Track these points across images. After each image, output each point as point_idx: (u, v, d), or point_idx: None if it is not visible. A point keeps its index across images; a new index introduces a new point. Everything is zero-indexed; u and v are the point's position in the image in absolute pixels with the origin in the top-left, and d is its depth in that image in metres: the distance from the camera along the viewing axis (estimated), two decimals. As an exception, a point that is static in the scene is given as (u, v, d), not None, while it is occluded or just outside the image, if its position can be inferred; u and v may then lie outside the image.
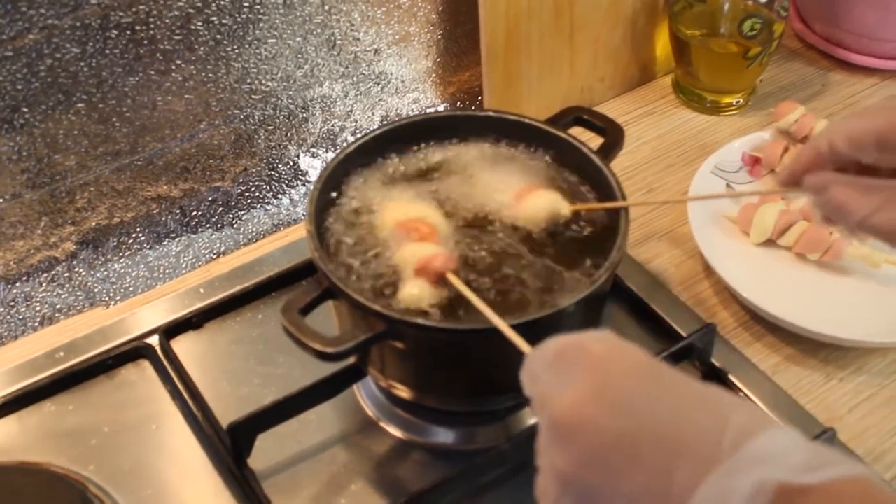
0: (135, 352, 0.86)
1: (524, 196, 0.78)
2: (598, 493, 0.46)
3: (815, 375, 0.85)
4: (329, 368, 0.76)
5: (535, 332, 0.60)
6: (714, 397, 0.46)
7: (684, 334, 0.84)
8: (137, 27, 0.82)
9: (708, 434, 0.43)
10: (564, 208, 0.77)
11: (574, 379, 0.47)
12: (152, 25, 0.83)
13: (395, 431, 0.81)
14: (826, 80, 1.17)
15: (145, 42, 0.83)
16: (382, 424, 0.81)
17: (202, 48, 0.86)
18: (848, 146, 0.64)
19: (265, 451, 0.78)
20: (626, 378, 0.47)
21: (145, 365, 0.86)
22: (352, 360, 0.76)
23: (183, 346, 0.87)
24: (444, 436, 0.81)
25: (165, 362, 0.85)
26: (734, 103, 1.12)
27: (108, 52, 0.81)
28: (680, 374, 0.48)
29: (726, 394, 0.47)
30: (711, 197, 0.98)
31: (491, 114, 0.84)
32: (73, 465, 0.79)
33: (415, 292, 0.70)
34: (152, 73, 0.85)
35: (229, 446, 0.77)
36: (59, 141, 0.84)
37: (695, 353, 0.84)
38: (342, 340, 0.67)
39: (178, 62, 0.86)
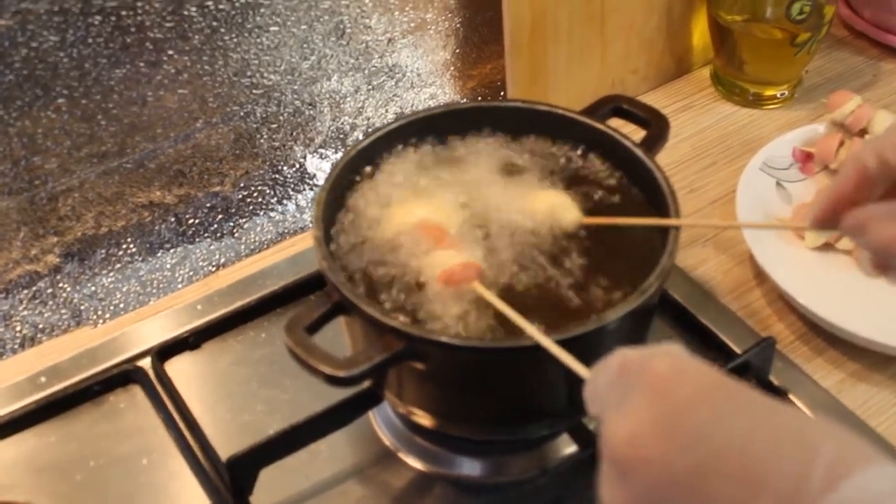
0: (124, 376, 0.79)
1: (535, 201, 0.70)
2: None
3: (884, 393, 0.78)
4: (341, 393, 0.69)
5: (576, 349, 0.54)
6: (799, 422, 0.40)
7: (738, 350, 0.77)
8: (123, 13, 0.74)
9: (793, 468, 0.37)
10: (571, 216, 0.69)
11: (634, 404, 0.42)
12: (140, 11, 0.75)
13: (416, 463, 0.73)
14: (877, 70, 1.09)
15: (133, 30, 0.76)
16: (401, 455, 0.74)
17: (197, 37, 0.79)
18: None
19: (269, 487, 0.71)
20: (694, 402, 0.41)
21: (136, 390, 0.79)
22: (366, 383, 0.68)
23: (178, 368, 0.79)
24: (470, 467, 0.73)
25: (158, 387, 0.78)
26: (779, 96, 1.04)
27: (90, 40, 0.74)
28: (756, 393, 0.41)
29: (812, 418, 0.41)
30: (763, 227, 0.89)
31: (519, 104, 0.76)
32: (55, 504, 0.71)
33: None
34: (141, 64, 0.78)
35: (228, 482, 0.69)
36: (38, 141, 0.76)
37: (751, 370, 0.76)
38: (355, 362, 0.59)
39: (170, 53, 0.78)
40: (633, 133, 0.74)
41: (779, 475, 0.37)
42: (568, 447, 0.73)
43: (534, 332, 0.56)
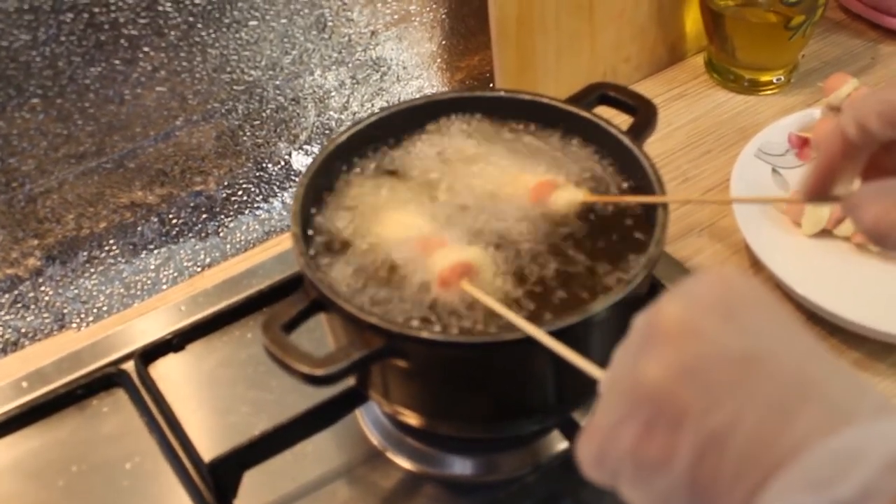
0: (107, 379, 0.77)
1: (539, 193, 0.68)
2: (680, 416, 0.37)
3: (886, 383, 0.76)
4: (326, 393, 0.67)
5: (563, 343, 0.52)
6: (849, 369, 0.38)
7: (734, 340, 0.74)
8: (96, 9, 0.73)
9: (844, 394, 0.36)
10: (577, 197, 0.67)
11: (695, 289, 0.40)
12: (113, 7, 0.73)
13: (405, 463, 0.72)
14: (876, 53, 1.07)
15: (106, 26, 0.74)
16: (390, 455, 0.72)
17: (173, 33, 0.77)
18: (882, 124, 0.52)
19: (254, 490, 0.69)
20: (758, 304, 0.40)
21: (119, 394, 0.77)
22: (351, 382, 0.66)
23: (162, 371, 0.78)
24: (460, 466, 0.71)
25: (142, 390, 0.76)
26: (774, 81, 1.02)
27: (63, 38, 0.72)
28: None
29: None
30: (755, 201, 0.87)
31: (503, 94, 0.74)
32: (37, 511, 0.70)
33: None
34: (116, 62, 0.76)
35: (212, 485, 0.68)
36: (14, 142, 0.74)
37: (748, 361, 0.73)
38: (333, 360, 0.57)
39: (146, 49, 0.77)
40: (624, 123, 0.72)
41: (831, 393, 0.36)
42: (559, 444, 0.71)
43: (527, 327, 0.54)
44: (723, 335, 0.38)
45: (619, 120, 0.72)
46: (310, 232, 0.66)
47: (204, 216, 0.87)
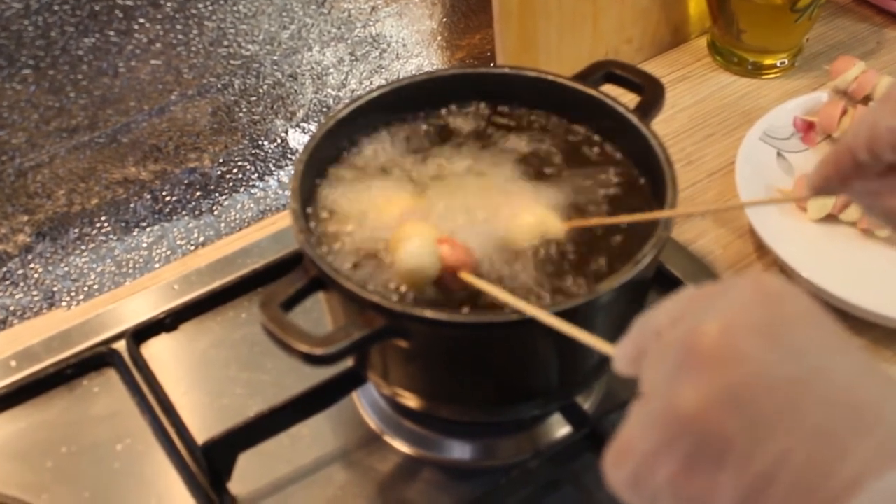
0: (98, 359, 0.76)
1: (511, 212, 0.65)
2: (724, 452, 0.35)
3: (893, 369, 0.75)
4: (324, 374, 0.67)
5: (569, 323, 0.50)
6: None
7: (739, 325, 0.72)
8: (90, -22, 0.70)
9: None
10: (554, 228, 0.64)
11: (734, 306, 0.37)
12: (108, -24, 0.71)
13: (403, 447, 0.71)
14: (881, 37, 1.05)
15: (100, -4, 0.71)
16: (387, 439, 0.71)
17: (169, 4, 0.75)
18: (894, 152, 0.53)
19: (249, 473, 0.68)
20: (805, 321, 0.37)
21: (110, 374, 0.75)
22: (349, 363, 0.65)
23: (154, 351, 0.76)
24: (459, 451, 0.70)
25: (134, 370, 0.74)
26: (778, 64, 1.01)
27: (56, 8, 0.70)
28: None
29: None
30: (760, 203, 0.85)
31: (507, 70, 0.72)
32: (24, 493, 0.68)
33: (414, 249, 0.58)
34: (111, 33, 0.74)
35: (205, 467, 0.67)
36: (4, 115, 0.73)
37: (752, 347, 0.72)
38: (333, 339, 0.55)
39: (141, 21, 0.75)
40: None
41: (888, 416, 0.34)
42: (561, 429, 0.70)
43: (530, 309, 0.53)
44: (766, 358, 0.35)
45: (624, 99, 0.71)
46: (308, 209, 0.64)
47: (198, 193, 0.86)
